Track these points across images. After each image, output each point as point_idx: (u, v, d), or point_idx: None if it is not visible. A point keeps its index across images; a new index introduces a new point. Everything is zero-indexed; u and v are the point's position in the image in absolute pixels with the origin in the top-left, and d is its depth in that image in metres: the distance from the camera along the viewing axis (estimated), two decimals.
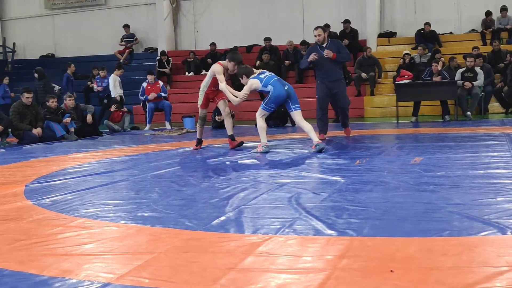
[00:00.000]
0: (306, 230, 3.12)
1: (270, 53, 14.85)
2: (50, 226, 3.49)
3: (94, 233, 3.28)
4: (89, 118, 11.00)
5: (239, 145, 7.51)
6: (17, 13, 19.72)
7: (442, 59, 12.83)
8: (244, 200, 4.01)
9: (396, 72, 13.45)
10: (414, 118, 11.20)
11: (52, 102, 10.45)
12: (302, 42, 14.56)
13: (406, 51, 14.01)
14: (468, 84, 11.35)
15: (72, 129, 10.36)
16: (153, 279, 2.42)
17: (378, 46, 15.32)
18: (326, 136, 8.12)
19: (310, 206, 3.70)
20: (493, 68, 12.43)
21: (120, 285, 2.37)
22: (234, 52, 7.57)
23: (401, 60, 13.75)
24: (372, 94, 13.69)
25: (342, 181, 4.60)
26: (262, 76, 7.02)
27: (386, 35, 15.49)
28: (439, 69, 11.73)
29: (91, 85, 14.76)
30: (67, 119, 10.31)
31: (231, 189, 4.46)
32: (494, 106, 12.52)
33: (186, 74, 16.31)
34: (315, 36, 8.00)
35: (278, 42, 15.42)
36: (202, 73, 15.29)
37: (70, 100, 10.93)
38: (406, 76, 12.26)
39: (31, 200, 4.39)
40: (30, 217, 3.79)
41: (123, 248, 2.96)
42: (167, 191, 4.54)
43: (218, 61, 7.83)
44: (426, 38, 14.57)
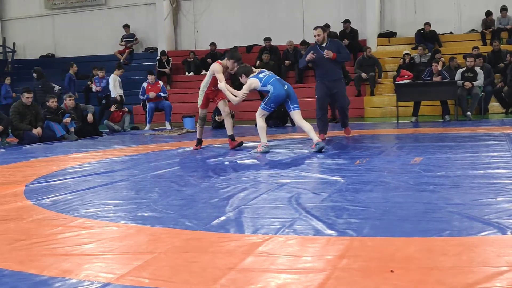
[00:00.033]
0: (306, 230, 3.12)
1: (270, 53, 14.85)
2: (50, 226, 3.49)
3: (94, 233, 3.28)
4: (89, 117, 11.00)
5: (239, 145, 7.51)
6: (17, 13, 19.71)
7: (442, 59, 12.82)
8: (244, 200, 4.01)
9: (396, 72, 13.45)
10: (414, 118, 11.20)
11: (52, 102, 10.45)
12: (302, 42, 14.54)
13: (406, 51, 14.00)
14: (468, 84, 11.35)
15: (72, 129, 10.36)
16: (153, 279, 2.42)
17: (378, 46, 15.32)
18: (326, 136, 8.12)
19: (310, 206, 3.70)
20: (493, 68, 12.43)
21: (120, 285, 2.37)
22: (233, 50, 7.54)
23: (401, 60, 13.75)
24: (372, 94, 13.68)
25: (342, 181, 4.60)
26: (262, 75, 7.00)
27: (386, 35, 15.49)
28: (439, 69, 11.72)
29: (91, 85, 14.77)
30: (67, 119, 10.31)
31: (231, 189, 4.46)
32: (494, 106, 12.52)
33: (186, 74, 16.31)
34: (315, 36, 8.00)
35: (278, 42, 15.42)
36: (202, 73, 15.28)
37: (70, 100, 10.93)
38: (406, 76, 12.25)
39: (31, 200, 4.39)
40: (30, 217, 3.79)
41: (123, 248, 2.96)
42: (167, 191, 4.54)
43: (218, 60, 7.83)
44: (426, 38, 14.57)
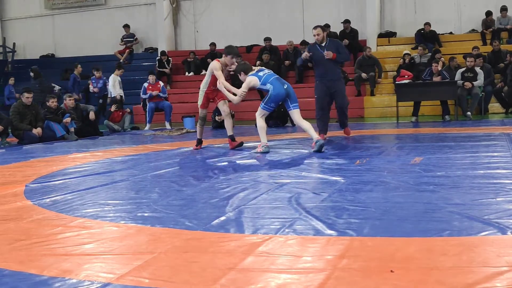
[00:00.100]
0: (306, 230, 3.12)
1: (270, 53, 14.85)
2: (50, 226, 3.49)
3: (94, 233, 3.28)
4: (91, 114, 11.01)
5: (239, 145, 7.50)
6: (17, 13, 19.71)
7: (442, 59, 12.83)
8: (244, 200, 4.01)
9: (396, 72, 13.45)
10: (414, 118, 11.20)
11: (52, 102, 10.45)
12: (302, 42, 14.55)
13: (406, 51, 14.00)
14: (468, 84, 11.35)
15: (72, 129, 10.36)
16: (153, 279, 2.42)
17: (378, 46, 15.32)
18: (326, 136, 8.12)
19: (310, 206, 3.70)
20: (493, 68, 12.43)
21: (120, 285, 2.37)
22: (230, 46, 7.44)
23: (401, 60, 13.75)
24: (372, 94, 13.69)
25: (342, 181, 4.60)
26: (261, 73, 6.97)
27: (386, 35, 15.49)
28: (439, 69, 11.73)
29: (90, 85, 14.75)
30: (67, 119, 10.31)
31: (231, 189, 4.46)
32: (494, 106, 12.52)
33: (186, 74, 16.31)
34: (314, 35, 8.01)
35: (278, 42, 15.42)
36: (202, 73, 15.26)
37: (70, 100, 10.93)
38: (406, 76, 12.25)
39: (31, 200, 4.39)
40: (30, 217, 3.79)
41: (123, 248, 2.96)
42: (167, 191, 4.54)
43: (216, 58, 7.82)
44: (426, 38, 14.57)
